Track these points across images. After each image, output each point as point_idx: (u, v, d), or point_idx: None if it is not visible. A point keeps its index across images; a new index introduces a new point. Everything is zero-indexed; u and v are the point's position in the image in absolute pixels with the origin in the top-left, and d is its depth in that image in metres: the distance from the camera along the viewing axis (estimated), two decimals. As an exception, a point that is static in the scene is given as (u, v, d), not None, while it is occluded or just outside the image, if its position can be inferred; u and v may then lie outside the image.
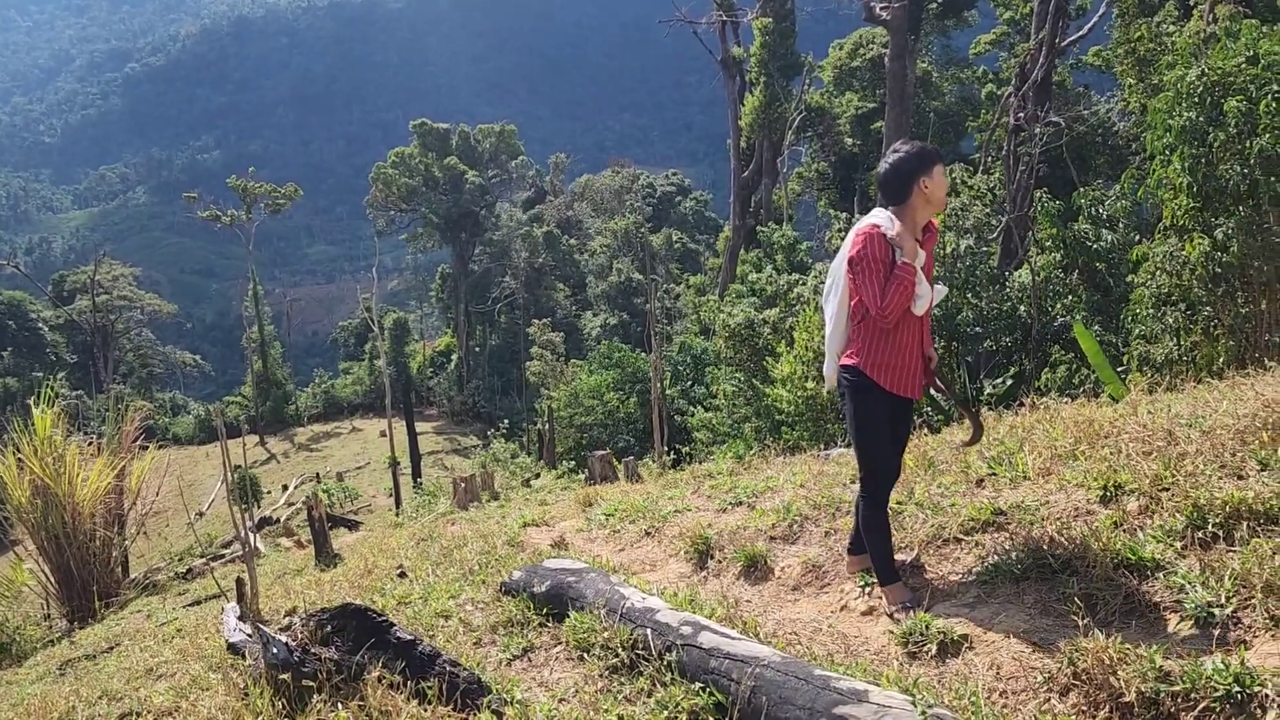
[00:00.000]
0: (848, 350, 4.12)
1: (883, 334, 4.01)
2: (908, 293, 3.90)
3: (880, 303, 3.89)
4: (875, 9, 29.08)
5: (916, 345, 4.08)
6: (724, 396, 24.29)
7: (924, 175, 3.97)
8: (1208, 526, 3.61)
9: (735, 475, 7.18)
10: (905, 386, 4.07)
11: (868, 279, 3.92)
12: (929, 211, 4.05)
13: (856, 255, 3.97)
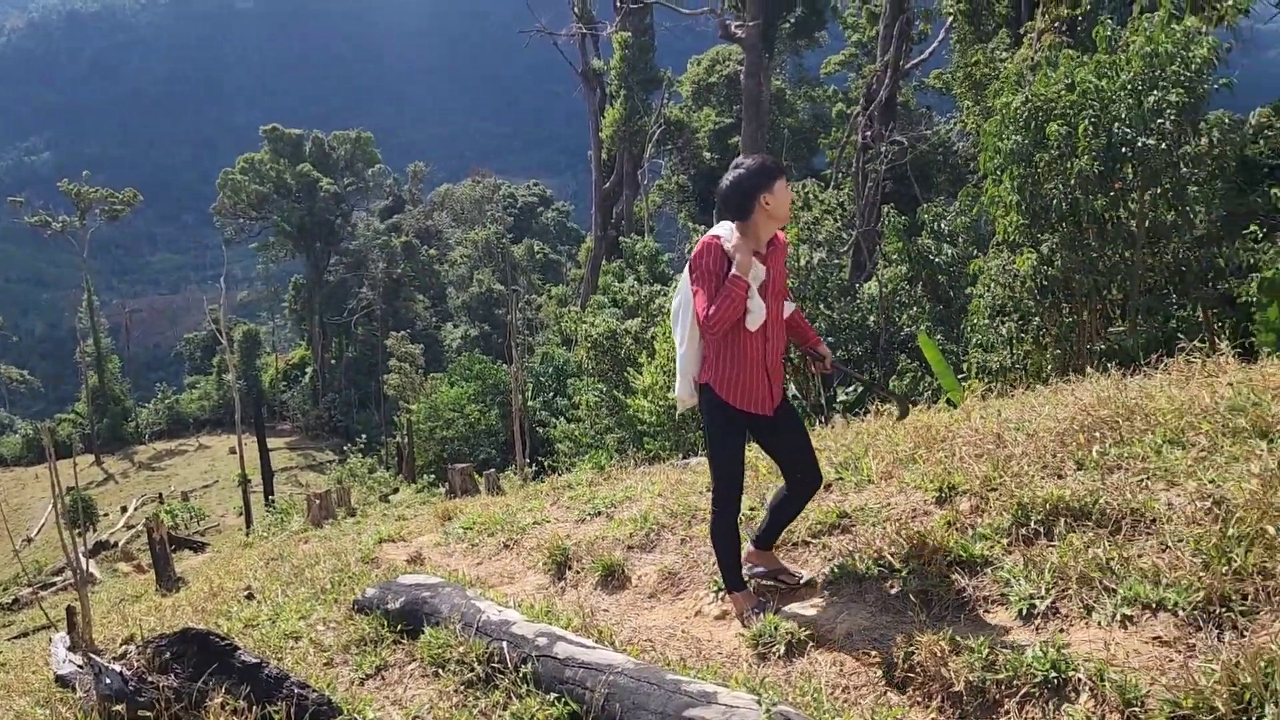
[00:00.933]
0: (702, 368, 4.12)
1: (728, 351, 4.00)
2: (735, 306, 3.87)
3: (706, 313, 3.87)
4: (731, 27, 29.85)
5: (760, 362, 4.03)
6: (586, 407, 24.35)
7: (765, 191, 3.95)
8: (1030, 524, 3.86)
9: (594, 486, 7.23)
10: (753, 403, 4.04)
11: (699, 288, 3.92)
12: (773, 226, 4.04)
13: (692, 263, 3.99)
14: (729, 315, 3.88)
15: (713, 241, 3.96)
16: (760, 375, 4.05)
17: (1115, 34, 11.77)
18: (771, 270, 4.04)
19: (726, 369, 4.02)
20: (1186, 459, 4.07)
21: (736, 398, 4.03)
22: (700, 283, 3.93)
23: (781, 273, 4.14)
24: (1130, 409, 4.94)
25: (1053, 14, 21.90)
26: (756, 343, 4.02)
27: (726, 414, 4.05)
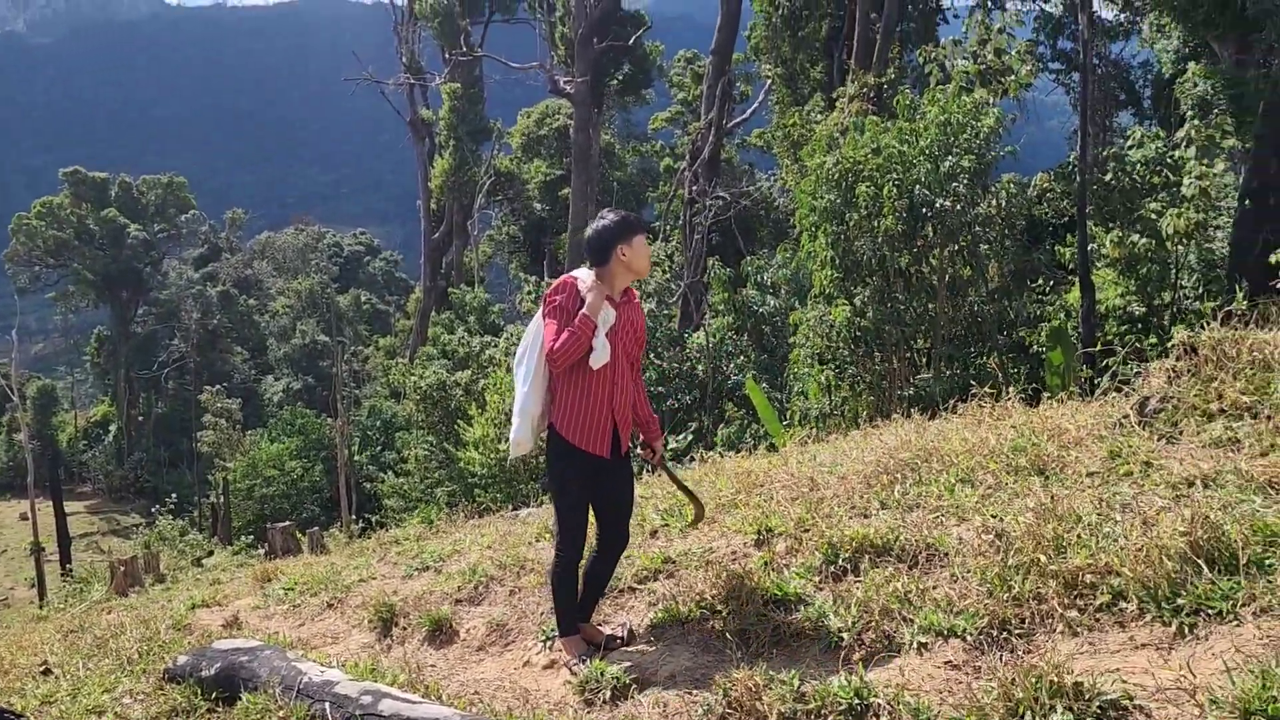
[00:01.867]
0: (550, 409, 4.18)
1: (574, 391, 4.09)
2: (580, 342, 3.99)
3: (552, 344, 4.00)
4: (560, 82, 30.38)
5: (606, 404, 4.12)
6: (415, 461, 23.86)
7: (623, 243, 4.12)
8: (839, 561, 4.10)
9: (422, 540, 7.15)
10: (593, 443, 4.11)
11: (551, 320, 4.06)
12: (628, 277, 4.20)
13: (547, 298, 4.13)
14: (573, 349, 3.99)
15: (569, 280, 4.14)
16: (604, 416, 4.13)
17: (914, 103, 12.70)
18: (621, 319, 4.16)
19: (571, 408, 4.10)
20: (975, 496, 4.43)
21: (578, 437, 4.09)
22: (553, 316, 4.07)
23: (633, 326, 4.25)
24: (929, 451, 5.33)
25: (861, 82, 23.40)
26: (602, 384, 4.11)
27: (569, 455, 4.11)
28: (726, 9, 27.89)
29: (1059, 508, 3.96)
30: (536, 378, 4.17)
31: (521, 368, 4.26)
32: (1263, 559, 3.33)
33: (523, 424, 4.22)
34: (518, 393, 4.25)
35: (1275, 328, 5.21)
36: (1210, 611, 3.15)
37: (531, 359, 4.20)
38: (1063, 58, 30.63)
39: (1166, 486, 4.23)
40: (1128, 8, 24.57)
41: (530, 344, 4.23)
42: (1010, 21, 17.49)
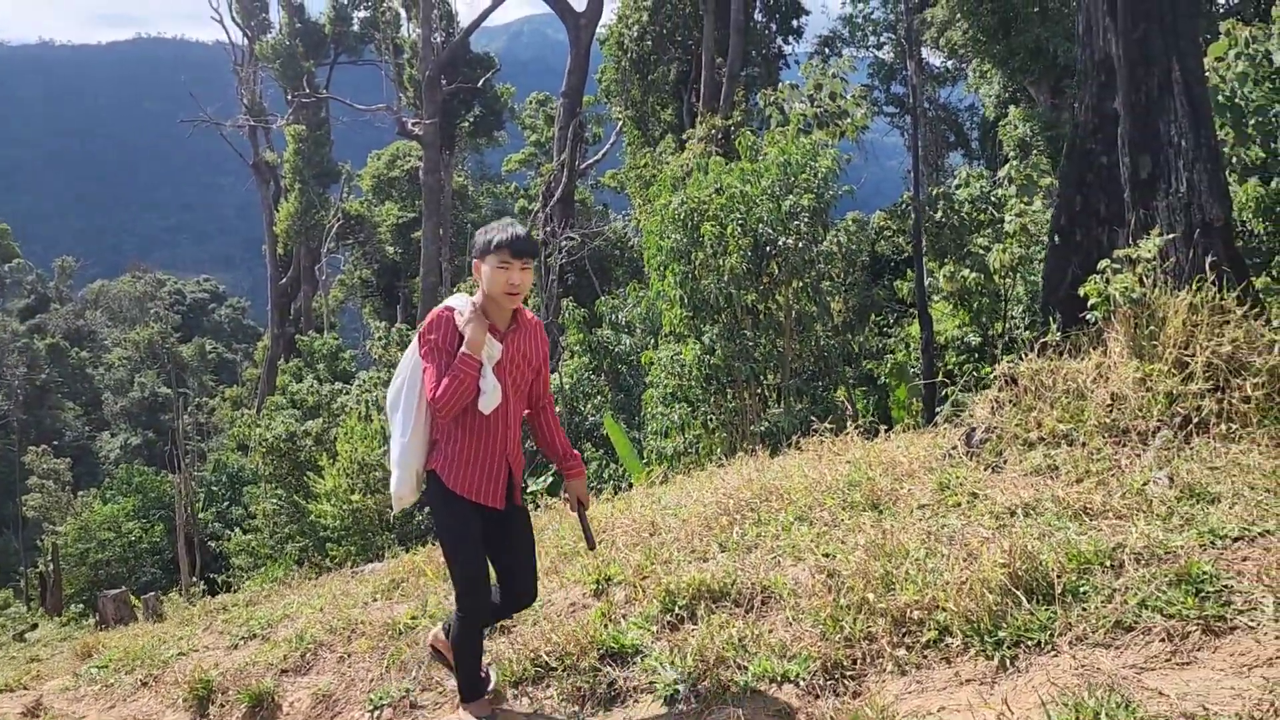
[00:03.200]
0: (431, 454, 3.72)
1: (461, 436, 3.63)
2: (467, 386, 3.50)
3: (433, 393, 3.51)
4: (408, 124, 29.98)
5: (499, 449, 3.67)
6: (263, 516, 22.76)
7: (479, 259, 3.64)
8: (676, 609, 4.02)
9: (251, 606, 6.74)
10: (486, 493, 3.66)
11: (428, 364, 3.57)
12: (496, 302, 3.64)
13: (421, 336, 3.64)
14: (458, 396, 3.51)
15: (444, 314, 3.64)
16: (496, 464, 3.69)
17: (755, 144, 13.01)
18: (509, 350, 3.66)
19: (457, 455, 3.64)
20: (811, 534, 4.44)
21: (465, 486, 3.63)
22: (429, 358, 3.58)
23: (525, 356, 3.75)
24: (769, 490, 5.33)
25: (708, 124, 23.97)
26: (493, 428, 3.67)
27: (454, 506, 3.65)
28: (576, 52, 28.16)
29: (889, 543, 3.99)
30: (417, 425, 3.71)
31: (398, 414, 3.76)
32: (1077, 586, 3.42)
33: (404, 476, 3.75)
34: (395, 443, 3.75)
35: (1086, 357, 5.45)
36: (1030, 642, 3.20)
37: (410, 401, 3.71)
38: (896, 101, 32.22)
39: (990, 517, 4.32)
40: (953, 55, 26.00)
41: (405, 384, 3.74)
42: (845, 67, 18.22)
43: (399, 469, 3.75)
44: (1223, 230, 5.51)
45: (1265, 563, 3.36)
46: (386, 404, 3.92)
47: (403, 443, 3.72)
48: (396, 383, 3.80)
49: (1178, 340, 4.93)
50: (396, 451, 3.74)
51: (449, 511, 3.67)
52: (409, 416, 3.72)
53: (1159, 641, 3.05)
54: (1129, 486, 4.33)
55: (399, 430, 3.75)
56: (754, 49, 30.17)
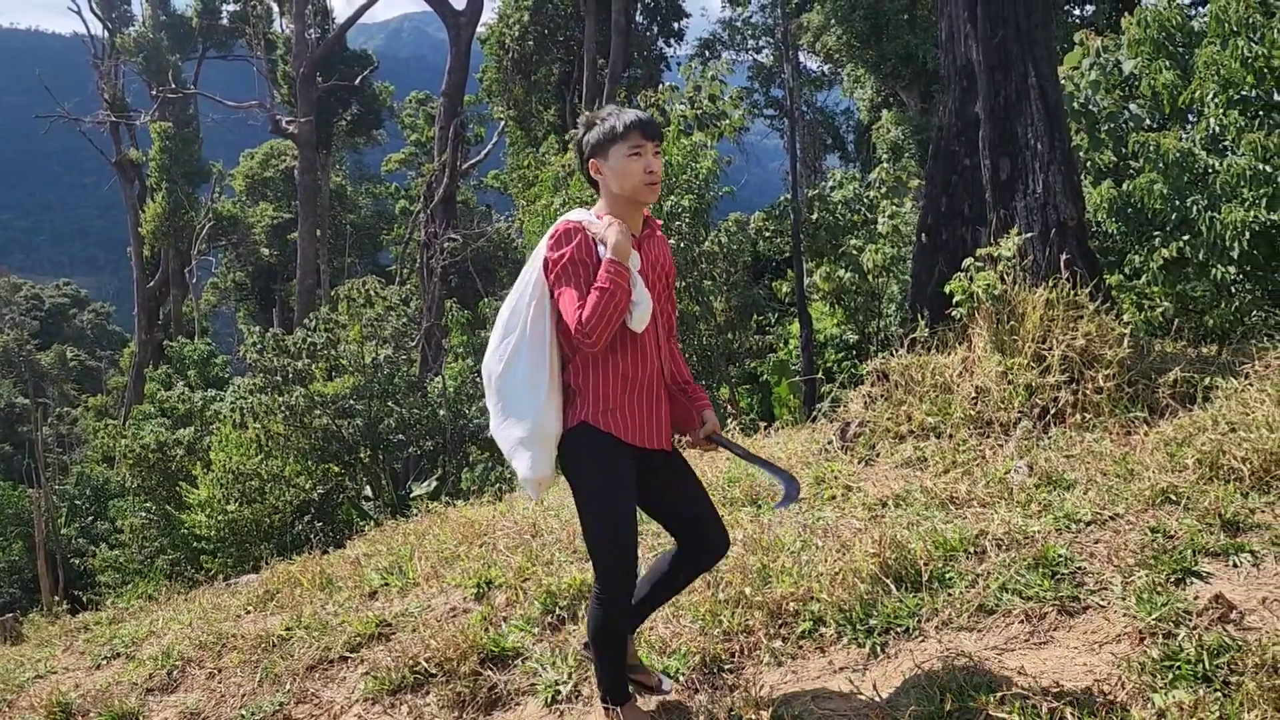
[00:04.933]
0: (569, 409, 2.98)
1: (607, 370, 2.95)
2: (619, 301, 2.83)
3: (581, 317, 2.81)
4: (282, 122, 29.08)
5: (656, 378, 3.04)
6: (131, 530, 21.75)
7: (597, 156, 3.00)
8: (557, 610, 4.00)
9: (117, 623, 6.41)
10: (649, 434, 3.00)
11: (565, 288, 2.87)
12: (630, 200, 2.99)
13: (550, 260, 2.93)
14: (612, 313, 2.83)
15: (570, 226, 2.96)
16: (656, 397, 3.04)
17: (636, 145, 13.09)
18: (646, 259, 3.05)
19: (611, 394, 2.95)
20: (691, 531, 4.47)
21: (626, 429, 2.94)
22: (564, 279, 2.88)
23: (661, 267, 3.14)
24: (651, 488, 5.36)
25: (591, 124, 24.00)
26: (647, 352, 3.03)
27: (612, 457, 2.93)
28: (457, 51, 27.78)
29: (765, 538, 4.06)
30: (551, 378, 2.96)
31: (518, 375, 2.98)
32: (943, 573, 3.54)
33: (544, 452, 2.98)
34: (521, 414, 2.97)
35: (953, 352, 5.66)
36: (899, 629, 3.30)
37: (539, 350, 2.96)
38: (775, 104, 32.88)
39: (863, 508, 4.45)
40: (829, 60, 26.66)
41: (525, 330, 2.97)
42: (723, 70, 18.49)
43: (535, 446, 2.97)
44: (1076, 230, 5.80)
45: (1115, 545, 3.55)
46: (490, 372, 3.10)
47: (538, 407, 2.95)
48: (506, 341, 3.01)
49: (1035, 335, 5.17)
50: (528, 423, 2.96)
51: (605, 470, 2.94)
52: (539, 369, 2.96)
53: (1018, 623, 3.18)
54: (992, 476, 4.51)
55: (529, 393, 2.96)
56: (636, 51, 30.39)
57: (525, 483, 3.04)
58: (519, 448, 2.98)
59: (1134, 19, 8.49)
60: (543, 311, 2.96)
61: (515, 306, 3.00)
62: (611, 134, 2.94)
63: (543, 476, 3.00)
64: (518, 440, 2.98)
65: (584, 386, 2.96)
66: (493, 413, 3.07)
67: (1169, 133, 7.75)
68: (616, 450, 2.93)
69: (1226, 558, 3.34)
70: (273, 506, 16.09)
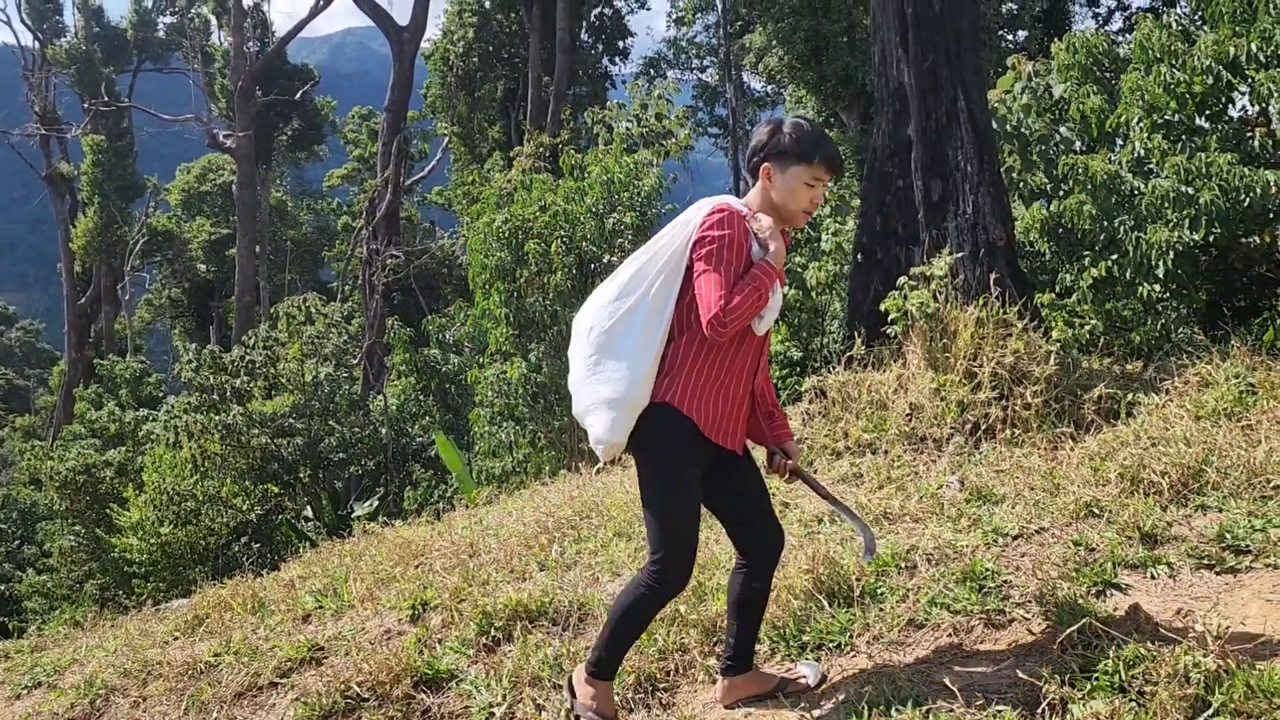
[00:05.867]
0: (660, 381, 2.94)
1: (710, 361, 2.93)
2: (761, 301, 2.87)
3: (722, 306, 2.79)
4: (219, 136, 28.67)
5: (747, 382, 3.05)
6: (60, 554, 21.15)
7: (773, 163, 2.99)
8: (493, 631, 3.97)
9: (39, 651, 6.21)
10: (728, 433, 3.00)
11: (711, 270, 2.84)
12: (783, 216, 3.03)
13: (704, 237, 2.87)
14: (752, 313, 2.86)
15: (732, 211, 2.93)
16: (742, 399, 3.04)
17: (580, 162, 13.12)
18: None
19: (704, 385, 2.93)
20: (629, 549, 4.48)
21: (708, 421, 2.93)
22: (715, 261, 2.85)
23: (783, 276, 3.13)
24: (590, 506, 5.36)
25: (535, 141, 24.01)
26: (751, 354, 3.03)
27: (690, 446, 2.93)
28: (400, 67, 27.64)
29: (702, 555, 4.07)
30: (658, 351, 2.92)
31: (630, 335, 2.93)
32: (875, 589, 3.59)
33: (625, 415, 2.92)
34: (620, 371, 2.92)
35: (888, 369, 5.75)
36: (831, 645, 3.33)
37: (658, 315, 2.92)
38: (720, 123, 33.19)
39: (800, 525, 4.49)
40: (771, 80, 27.01)
41: (650, 292, 2.93)
42: (669, 88, 18.64)
43: (620, 410, 2.92)
44: (1005, 249, 5.94)
45: (1039, 558, 3.63)
46: (591, 325, 3.03)
47: (638, 374, 2.91)
48: (623, 301, 2.96)
49: (967, 352, 5.27)
50: (622, 386, 2.91)
51: (682, 453, 2.93)
52: (650, 338, 2.92)
53: (947, 636, 3.24)
54: (925, 491, 4.58)
55: (633, 357, 2.92)
56: (581, 68, 30.49)
57: (598, 443, 2.99)
58: (602, 407, 2.94)
59: (1063, 45, 8.75)
60: (673, 283, 2.93)
61: (642, 269, 2.96)
62: (801, 154, 2.95)
63: (617, 441, 2.95)
64: (604, 399, 2.93)
65: (679, 368, 2.93)
66: (581, 365, 3.01)
67: (1097, 155, 7.98)
68: (696, 437, 2.92)
69: (1144, 569, 3.44)
70: (208, 528, 15.75)
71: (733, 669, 3.16)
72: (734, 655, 3.15)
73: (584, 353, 3.02)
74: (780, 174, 2.97)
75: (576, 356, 3.05)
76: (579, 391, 3.03)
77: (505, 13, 31.21)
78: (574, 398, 3.07)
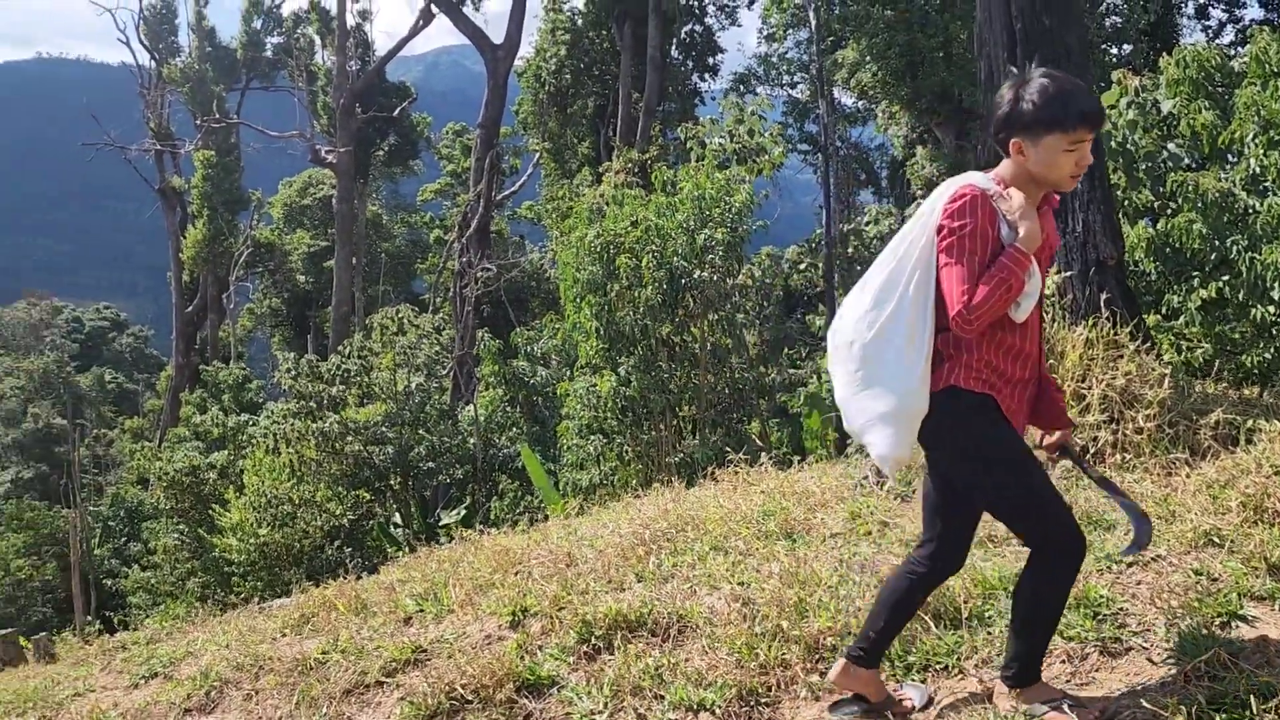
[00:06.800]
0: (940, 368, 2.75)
1: (981, 344, 2.75)
2: (1011, 294, 2.65)
3: (967, 301, 2.61)
4: (321, 152, 29.60)
5: (1030, 364, 2.84)
6: (164, 551, 21.98)
7: (1023, 136, 2.71)
8: (593, 639, 4.01)
9: (154, 644, 6.48)
10: (1017, 410, 2.81)
11: (954, 261, 2.66)
12: (1044, 185, 2.76)
13: (947, 225, 2.68)
14: (1002, 305, 2.65)
15: (974, 193, 2.69)
16: (1027, 384, 2.86)
17: (671, 178, 13.20)
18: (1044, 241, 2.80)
19: (983, 367, 2.75)
20: (726, 564, 4.48)
21: (1004, 397, 2.75)
22: (957, 253, 2.65)
23: (1051, 245, 2.89)
24: (685, 520, 5.38)
25: (625, 156, 24.23)
26: (1026, 335, 2.81)
27: (993, 411, 2.73)
28: (494, 84, 28.21)
29: (802, 571, 4.06)
30: (928, 353, 2.73)
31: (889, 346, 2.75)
32: (982, 611, 3.52)
33: (906, 430, 2.78)
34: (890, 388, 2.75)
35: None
36: (938, 666, 3.28)
37: (922, 312, 2.73)
38: (809, 140, 33.00)
39: (901, 545, 4.43)
40: (864, 96, 26.77)
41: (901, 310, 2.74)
42: (763, 105, 18.65)
43: (900, 422, 2.76)
44: (1115, 269, 5.78)
45: (1158, 586, 3.52)
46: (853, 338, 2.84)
47: (911, 382, 2.72)
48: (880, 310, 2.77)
49: (1075, 374, 5.15)
50: (895, 398, 2.74)
51: (995, 424, 2.73)
52: (917, 342, 2.72)
53: (1060, 663, 3.16)
54: (1031, 514, 4.47)
55: (902, 366, 2.73)
56: (671, 85, 30.66)
57: (882, 460, 2.86)
58: (879, 422, 2.79)
59: (1172, 59, 8.49)
60: (927, 280, 2.73)
61: (894, 272, 2.77)
62: (1053, 121, 2.65)
63: (904, 455, 2.82)
64: (879, 414, 2.78)
65: (957, 355, 2.74)
66: (848, 381, 2.86)
67: (1208, 172, 7.72)
68: (995, 409, 2.72)
69: (1272, 601, 3.31)
70: (303, 531, 16.20)
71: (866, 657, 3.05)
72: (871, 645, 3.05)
73: (848, 368, 2.86)
74: (1033, 146, 2.69)
75: (840, 373, 2.90)
76: (849, 409, 2.90)
77: (597, 31, 31.60)
78: (845, 415, 2.95)
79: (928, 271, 2.73)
